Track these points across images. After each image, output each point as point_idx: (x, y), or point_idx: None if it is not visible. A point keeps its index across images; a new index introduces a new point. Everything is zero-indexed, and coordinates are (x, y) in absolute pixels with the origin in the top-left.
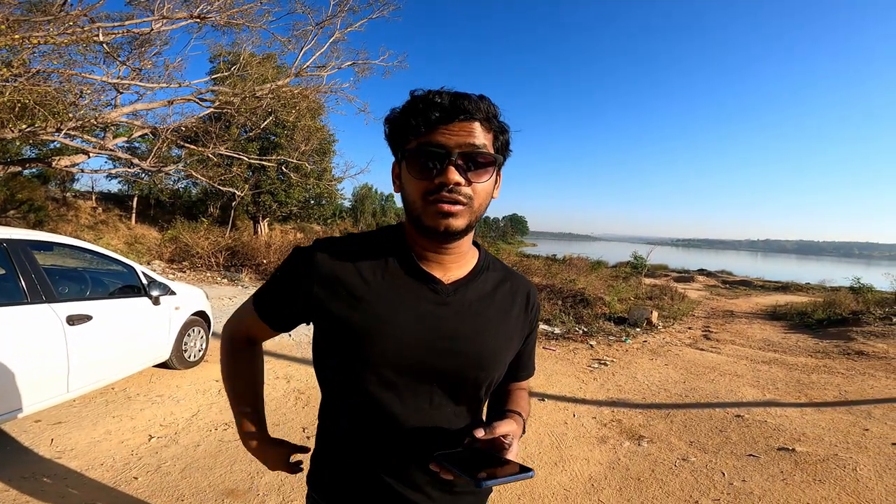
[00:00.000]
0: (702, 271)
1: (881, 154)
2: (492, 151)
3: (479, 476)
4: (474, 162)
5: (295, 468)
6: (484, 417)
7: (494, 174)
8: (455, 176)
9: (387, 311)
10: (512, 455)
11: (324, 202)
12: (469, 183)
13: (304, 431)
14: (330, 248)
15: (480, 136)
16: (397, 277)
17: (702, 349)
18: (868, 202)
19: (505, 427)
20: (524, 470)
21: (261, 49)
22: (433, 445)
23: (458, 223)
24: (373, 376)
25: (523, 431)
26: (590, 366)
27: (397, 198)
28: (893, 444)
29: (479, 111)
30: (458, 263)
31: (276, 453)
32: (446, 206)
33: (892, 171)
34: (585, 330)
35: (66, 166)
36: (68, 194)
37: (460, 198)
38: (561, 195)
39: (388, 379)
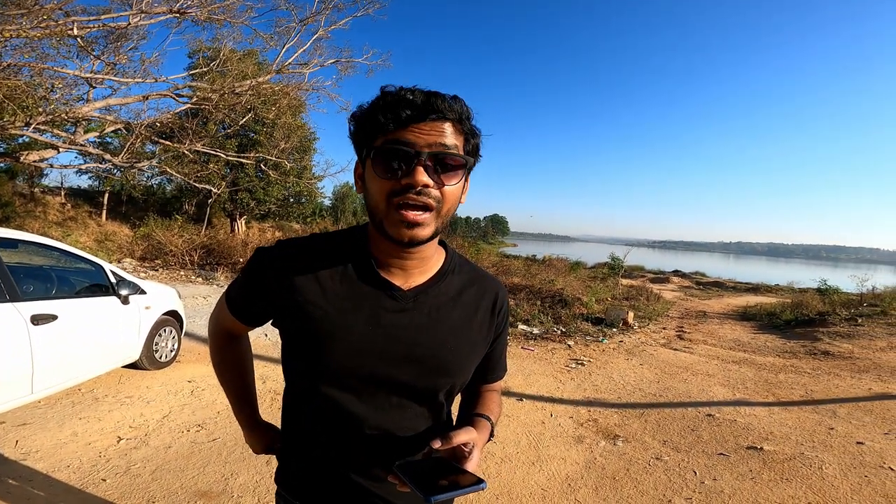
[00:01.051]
0: (677, 272)
1: (849, 159)
2: (462, 153)
3: (430, 489)
4: (444, 163)
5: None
6: (454, 417)
7: (464, 178)
8: (423, 177)
9: (341, 318)
10: (472, 464)
11: (303, 200)
12: (439, 185)
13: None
14: (289, 252)
15: (451, 137)
16: (354, 284)
17: (675, 349)
18: (835, 206)
19: (463, 436)
20: (477, 482)
21: (242, 45)
22: (395, 445)
23: (424, 233)
24: (331, 381)
25: (491, 435)
26: (567, 366)
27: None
28: (858, 442)
29: (452, 111)
30: (421, 268)
31: (260, 436)
32: (412, 215)
33: (860, 176)
34: (563, 330)
35: (34, 161)
36: (36, 190)
37: (429, 201)
38: (542, 197)
39: (347, 383)
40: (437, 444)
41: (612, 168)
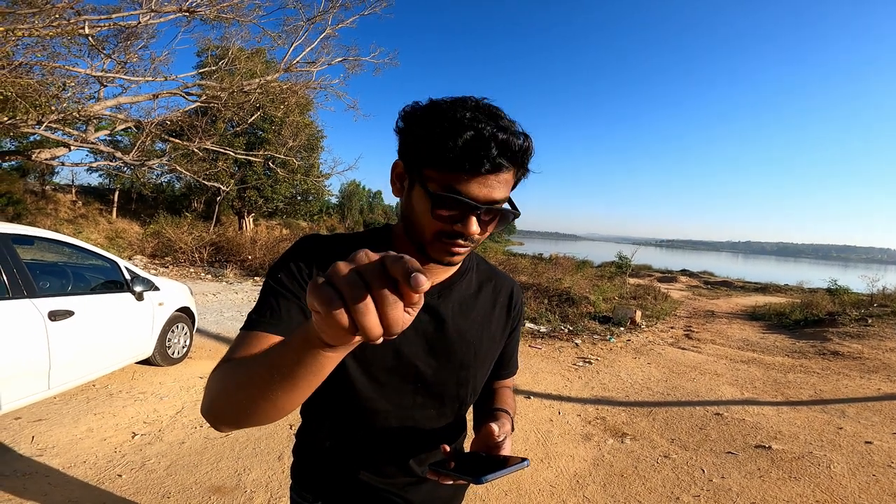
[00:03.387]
0: (684, 272)
1: (859, 158)
2: (508, 196)
3: (477, 473)
4: (493, 214)
5: None
6: (470, 418)
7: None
8: (475, 228)
9: None
10: (506, 452)
11: (311, 198)
12: (483, 232)
13: (290, 428)
14: (318, 246)
15: (507, 186)
16: None
17: (683, 348)
18: (846, 206)
19: (505, 427)
20: (521, 460)
21: (250, 44)
22: (411, 442)
23: (461, 259)
24: (359, 375)
25: (512, 429)
26: (575, 364)
27: (387, 196)
28: (867, 442)
29: (522, 158)
30: (444, 269)
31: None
32: (455, 248)
33: (871, 176)
34: (571, 329)
35: (46, 159)
36: (48, 187)
37: (472, 244)
38: (549, 195)
39: (374, 378)
40: (494, 430)
41: (619, 167)
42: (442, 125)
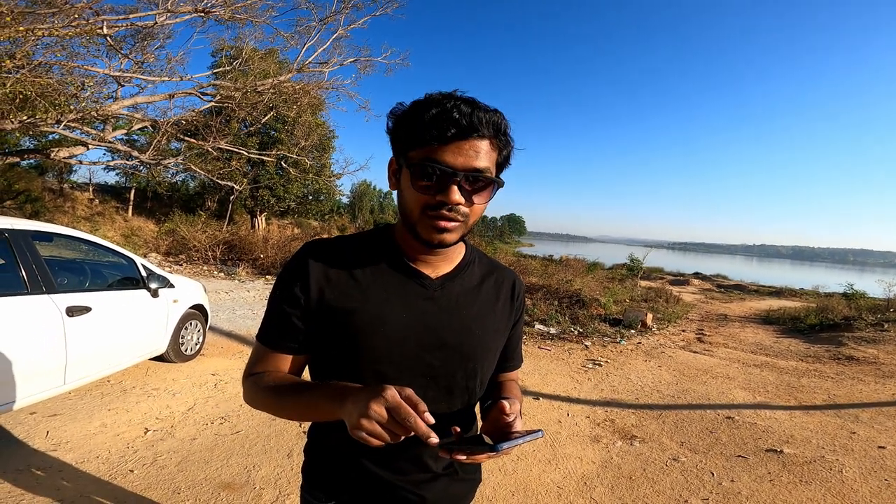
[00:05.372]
0: (697, 275)
1: (878, 162)
2: (494, 170)
3: (495, 441)
4: (476, 183)
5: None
6: (477, 413)
7: (492, 195)
8: (457, 196)
9: (376, 308)
10: (518, 428)
11: (322, 198)
12: (469, 203)
13: (300, 426)
14: (320, 250)
15: (486, 157)
16: (386, 275)
17: (695, 352)
18: (864, 209)
19: (515, 406)
20: (536, 430)
21: (263, 44)
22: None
23: (452, 237)
24: (368, 372)
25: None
26: (584, 366)
27: (395, 194)
28: (880, 447)
29: (492, 127)
30: (446, 261)
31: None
32: (443, 223)
33: (888, 179)
34: (581, 330)
35: (64, 158)
36: (65, 185)
37: (459, 217)
38: (560, 197)
39: (384, 374)
40: (506, 408)
41: (632, 169)
42: (416, 110)
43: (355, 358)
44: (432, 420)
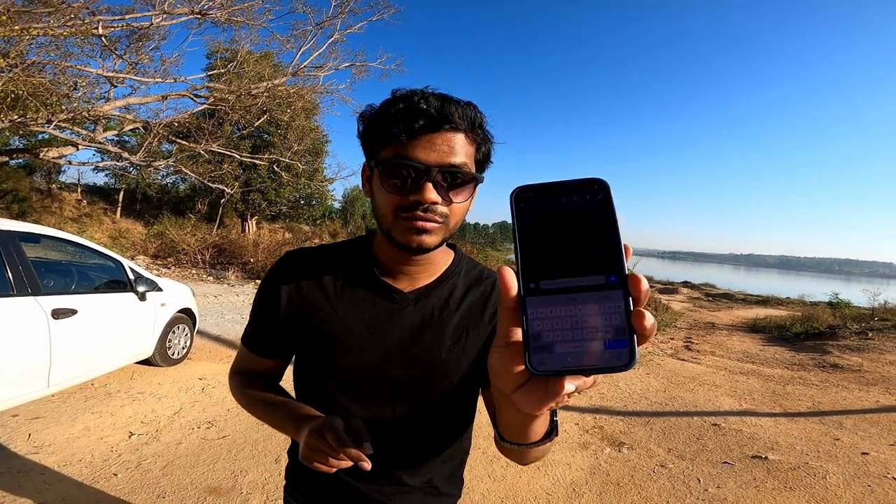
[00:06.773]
0: (686, 284)
1: (864, 172)
2: (472, 166)
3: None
4: (453, 180)
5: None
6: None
7: (472, 192)
8: (432, 194)
9: (344, 322)
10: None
11: (314, 203)
12: (447, 202)
13: None
14: (297, 262)
15: (463, 151)
16: (356, 288)
17: (683, 359)
18: (850, 220)
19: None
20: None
21: (259, 47)
22: (394, 454)
23: (432, 240)
24: (334, 385)
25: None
26: None
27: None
28: (863, 453)
29: (465, 120)
30: (427, 271)
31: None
32: (420, 223)
33: (876, 189)
34: None
35: (53, 158)
36: (53, 186)
37: (436, 217)
38: None
39: (350, 386)
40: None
41: (619, 176)
42: (384, 108)
43: (323, 370)
44: (370, 450)
